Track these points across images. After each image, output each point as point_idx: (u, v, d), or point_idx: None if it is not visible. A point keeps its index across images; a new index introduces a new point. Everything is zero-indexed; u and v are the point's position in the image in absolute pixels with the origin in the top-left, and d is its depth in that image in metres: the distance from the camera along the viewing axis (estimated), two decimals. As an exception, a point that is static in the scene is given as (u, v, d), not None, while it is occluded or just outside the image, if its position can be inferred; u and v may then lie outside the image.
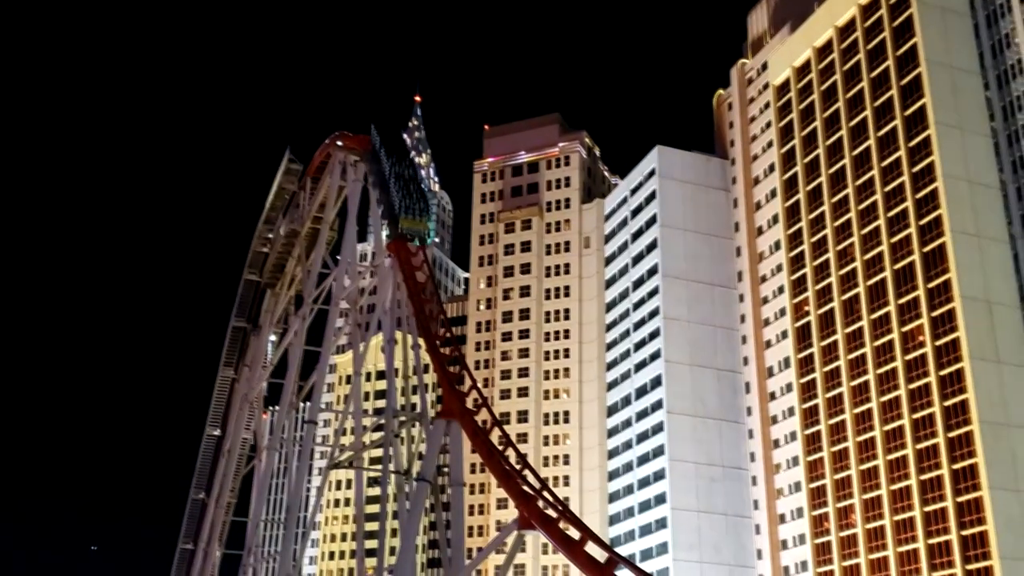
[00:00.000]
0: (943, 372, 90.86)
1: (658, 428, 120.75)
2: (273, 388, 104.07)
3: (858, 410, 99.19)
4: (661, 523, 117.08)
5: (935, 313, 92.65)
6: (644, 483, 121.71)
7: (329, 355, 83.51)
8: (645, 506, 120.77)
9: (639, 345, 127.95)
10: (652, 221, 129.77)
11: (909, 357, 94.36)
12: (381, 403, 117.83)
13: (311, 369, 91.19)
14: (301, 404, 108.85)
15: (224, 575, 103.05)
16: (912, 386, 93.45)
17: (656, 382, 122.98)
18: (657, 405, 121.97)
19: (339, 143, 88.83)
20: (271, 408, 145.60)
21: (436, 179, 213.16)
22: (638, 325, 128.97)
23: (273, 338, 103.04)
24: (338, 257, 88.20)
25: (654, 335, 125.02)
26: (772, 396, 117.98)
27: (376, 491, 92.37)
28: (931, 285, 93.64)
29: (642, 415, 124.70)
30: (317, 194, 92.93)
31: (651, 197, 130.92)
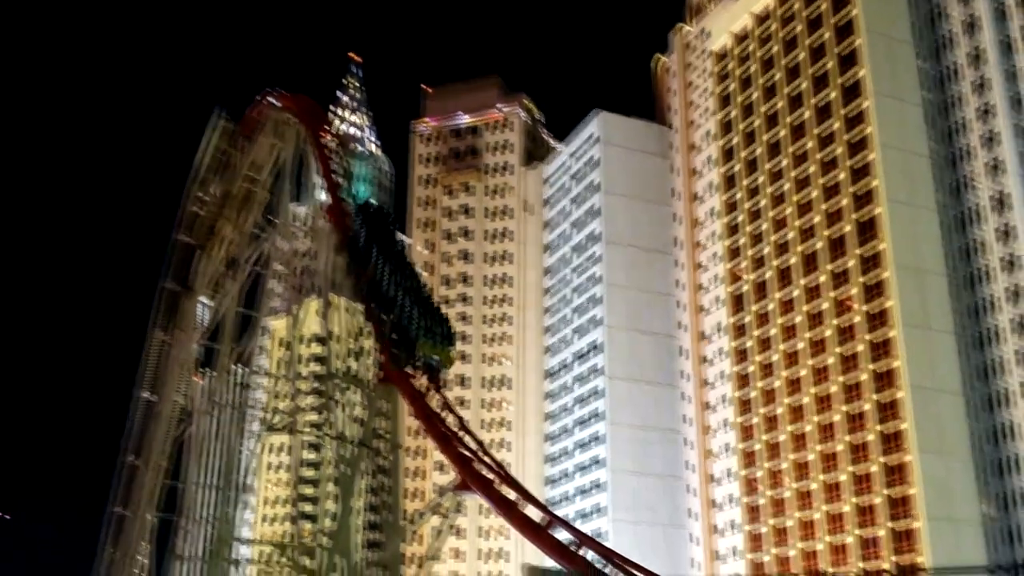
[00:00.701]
0: (871, 337, 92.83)
1: (597, 392, 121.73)
2: (207, 351, 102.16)
3: (789, 374, 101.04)
4: (597, 485, 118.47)
5: (865, 280, 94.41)
6: (582, 446, 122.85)
7: (264, 318, 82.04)
8: (582, 468, 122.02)
9: (579, 310, 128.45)
10: (593, 186, 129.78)
11: (839, 322, 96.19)
12: (317, 367, 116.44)
13: (245, 332, 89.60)
14: (235, 368, 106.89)
15: (159, 539, 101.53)
16: (841, 350, 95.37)
17: (595, 347, 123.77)
18: (596, 369, 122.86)
19: (273, 101, 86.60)
20: (205, 371, 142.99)
21: (376, 142, 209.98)
22: (578, 290, 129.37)
23: (206, 300, 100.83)
24: (271, 218, 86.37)
25: (594, 300, 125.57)
26: (706, 360, 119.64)
27: (314, 455, 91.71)
28: (863, 252, 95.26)
29: (581, 379, 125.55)
30: (249, 154, 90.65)
31: (592, 162, 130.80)
